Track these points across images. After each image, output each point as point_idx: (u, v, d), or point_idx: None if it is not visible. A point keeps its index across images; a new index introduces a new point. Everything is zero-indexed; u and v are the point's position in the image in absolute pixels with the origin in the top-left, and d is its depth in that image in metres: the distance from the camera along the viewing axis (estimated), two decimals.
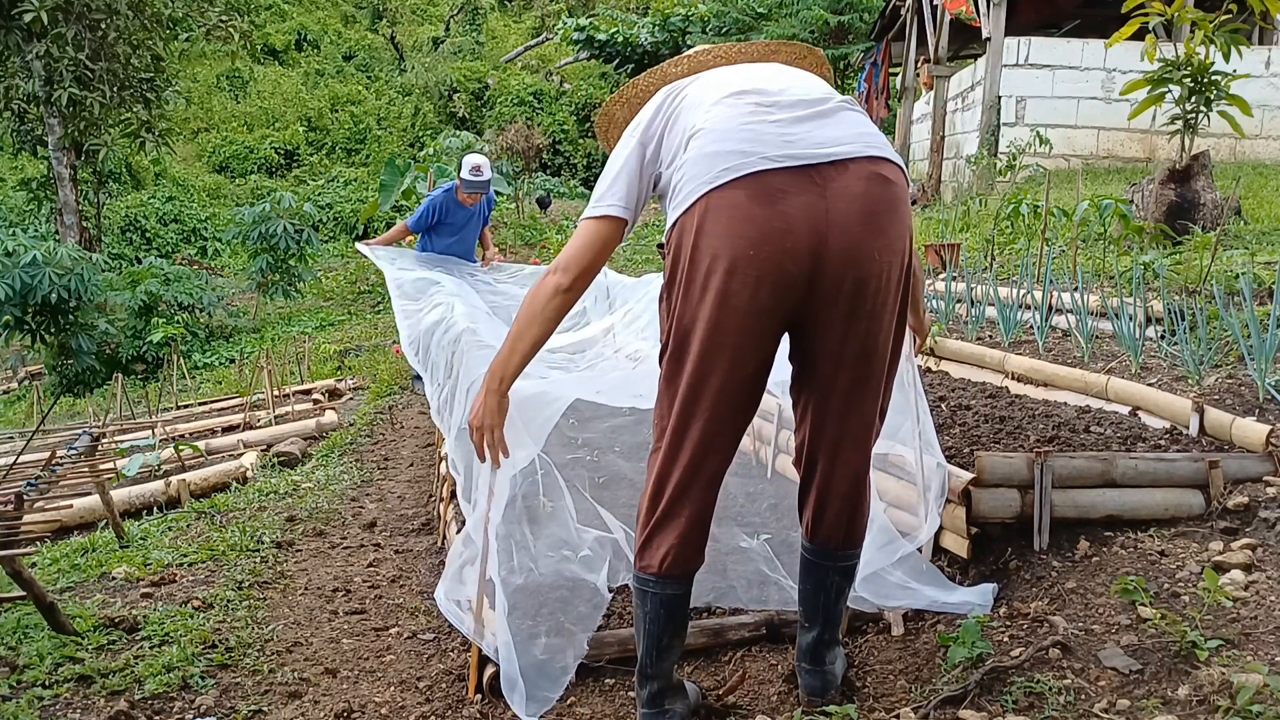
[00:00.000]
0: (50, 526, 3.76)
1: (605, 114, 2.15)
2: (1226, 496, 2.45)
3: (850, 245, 1.70)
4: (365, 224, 17.15)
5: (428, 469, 4.85)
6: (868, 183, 1.72)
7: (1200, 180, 5.26)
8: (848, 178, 1.71)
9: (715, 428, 1.81)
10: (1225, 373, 3.17)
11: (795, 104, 1.79)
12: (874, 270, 1.73)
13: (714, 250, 1.70)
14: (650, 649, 1.93)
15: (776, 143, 1.72)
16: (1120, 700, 1.80)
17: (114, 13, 12.80)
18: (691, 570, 1.91)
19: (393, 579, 3.30)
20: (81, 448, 5.59)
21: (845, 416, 1.86)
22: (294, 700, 2.37)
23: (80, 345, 10.80)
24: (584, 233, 1.89)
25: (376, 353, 9.48)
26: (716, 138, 1.75)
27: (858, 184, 1.71)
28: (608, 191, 1.88)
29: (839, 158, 1.72)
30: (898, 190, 1.77)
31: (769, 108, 1.78)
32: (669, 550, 1.86)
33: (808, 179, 1.69)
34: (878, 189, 1.73)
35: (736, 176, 1.69)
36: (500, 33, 28.30)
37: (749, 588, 2.61)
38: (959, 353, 4.18)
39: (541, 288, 1.89)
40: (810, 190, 1.69)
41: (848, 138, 1.75)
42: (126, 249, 17.48)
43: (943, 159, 12.66)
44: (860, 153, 1.74)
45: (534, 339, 1.90)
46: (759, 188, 1.69)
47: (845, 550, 1.99)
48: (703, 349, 1.76)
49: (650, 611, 1.91)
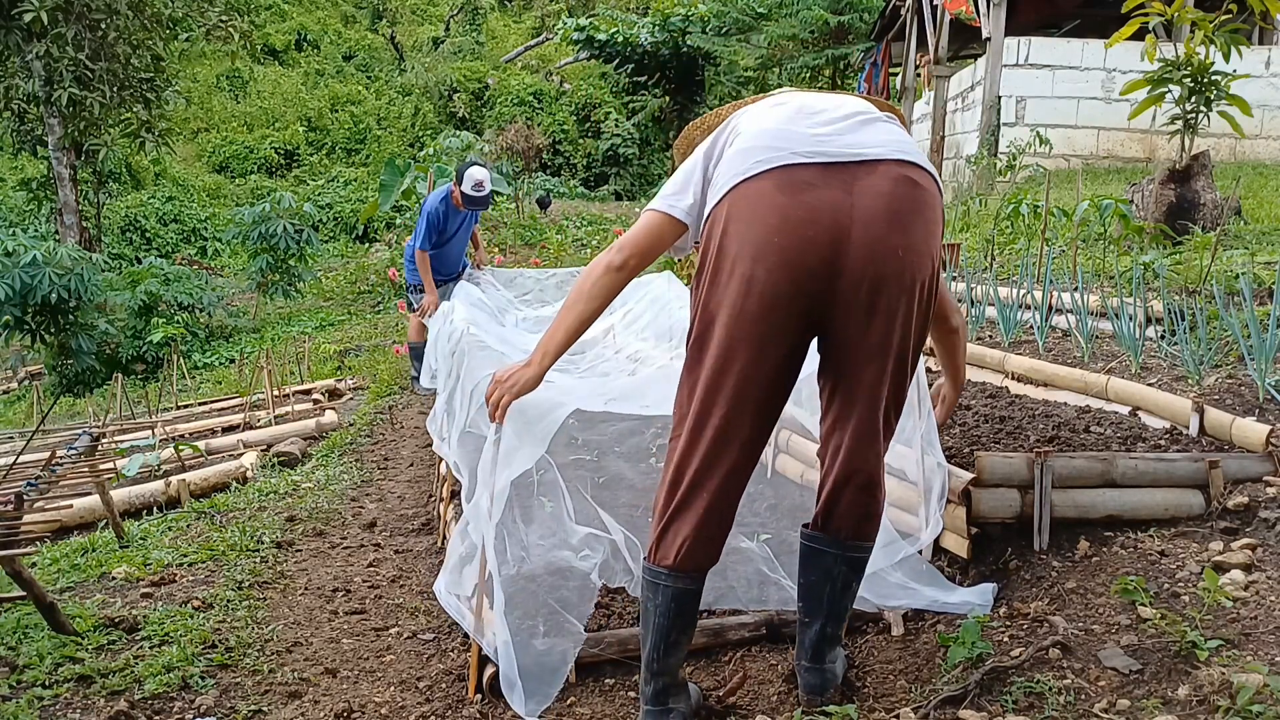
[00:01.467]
0: (50, 526, 3.76)
1: (686, 137, 2.20)
2: (1226, 496, 2.45)
3: (872, 241, 1.74)
4: (365, 224, 17.15)
5: (428, 469, 4.85)
6: (895, 183, 1.75)
7: (1200, 180, 5.26)
8: (875, 177, 1.75)
9: (735, 419, 1.82)
10: (1225, 373, 3.17)
11: (836, 114, 1.84)
12: (895, 268, 1.76)
13: (740, 237, 1.76)
14: (658, 644, 1.92)
15: (808, 141, 1.77)
16: (1120, 700, 1.80)
17: (114, 13, 12.79)
18: (705, 566, 1.92)
19: (393, 579, 3.30)
20: (81, 448, 5.58)
21: (864, 410, 1.88)
22: (294, 700, 2.37)
23: (80, 345, 10.79)
24: (645, 222, 1.95)
25: (376, 353, 9.48)
26: (751, 137, 1.83)
27: (885, 183, 1.75)
28: (676, 194, 1.94)
29: (868, 158, 1.76)
30: (926, 195, 1.79)
31: (809, 115, 1.84)
32: (684, 542, 1.87)
33: (836, 175, 1.74)
34: (905, 190, 1.76)
35: (766, 169, 1.75)
36: (500, 33, 28.30)
37: (749, 588, 2.61)
38: None
39: (595, 265, 1.96)
40: (837, 185, 1.74)
41: (880, 141, 1.80)
42: (126, 249, 17.48)
43: (943, 159, 12.66)
44: (890, 155, 1.78)
45: (580, 315, 1.96)
46: (786, 179, 1.74)
47: (854, 541, 1.99)
48: (726, 335, 1.79)
49: (661, 605, 1.90)
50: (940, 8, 12.44)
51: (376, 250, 15.59)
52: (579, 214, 16.42)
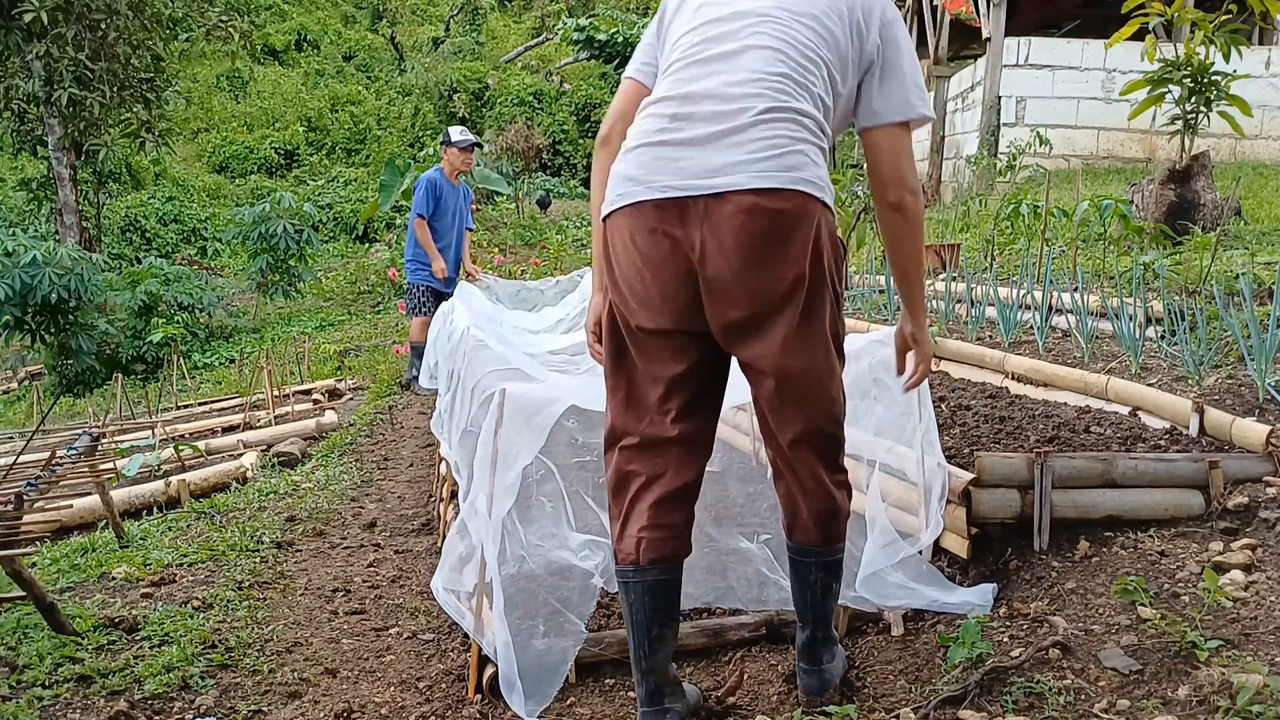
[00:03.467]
0: (50, 526, 3.76)
1: None
2: (1226, 497, 2.45)
3: (723, 275, 1.76)
4: (365, 224, 17.14)
5: (428, 469, 4.85)
6: (747, 215, 1.74)
7: (1200, 180, 5.26)
8: (727, 208, 1.74)
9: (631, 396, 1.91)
10: (1225, 373, 3.17)
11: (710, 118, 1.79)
12: (747, 300, 1.78)
13: (618, 266, 1.85)
14: (641, 641, 1.93)
15: (668, 170, 1.78)
16: (1120, 700, 1.80)
17: (114, 13, 12.78)
18: (671, 556, 1.92)
19: (393, 579, 3.30)
20: (81, 448, 5.58)
21: (786, 422, 1.88)
22: (294, 700, 2.37)
23: (80, 345, 10.78)
24: (620, 90, 2.08)
25: (376, 353, 9.48)
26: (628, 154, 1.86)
27: (736, 217, 1.74)
28: (640, 61, 2.06)
29: (721, 189, 1.74)
30: (785, 219, 1.75)
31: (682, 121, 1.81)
32: (638, 536, 1.89)
33: (687, 211, 1.76)
34: (757, 222, 1.74)
35: (625, 204, 1.82)
36: (500, 33, 28.29)
37: (749, 588, 2.61)
38: (959, 353, 4.18)
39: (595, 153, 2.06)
40: (688, 223, 1.76)
41: (741, 165, 1.75)
42: (126, 249, 17.46)
43: (943, 159, 12.67)
44: (745, 185, 1.74)
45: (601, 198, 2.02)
46: (641, 220, 1.80)
47: (824, 547, 1.99)
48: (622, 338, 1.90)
49: (634, 601, 1.92)
50: (940, 8, 12.44)
51: (376, 250, 15.60)
52: (579, 214, 16.42)
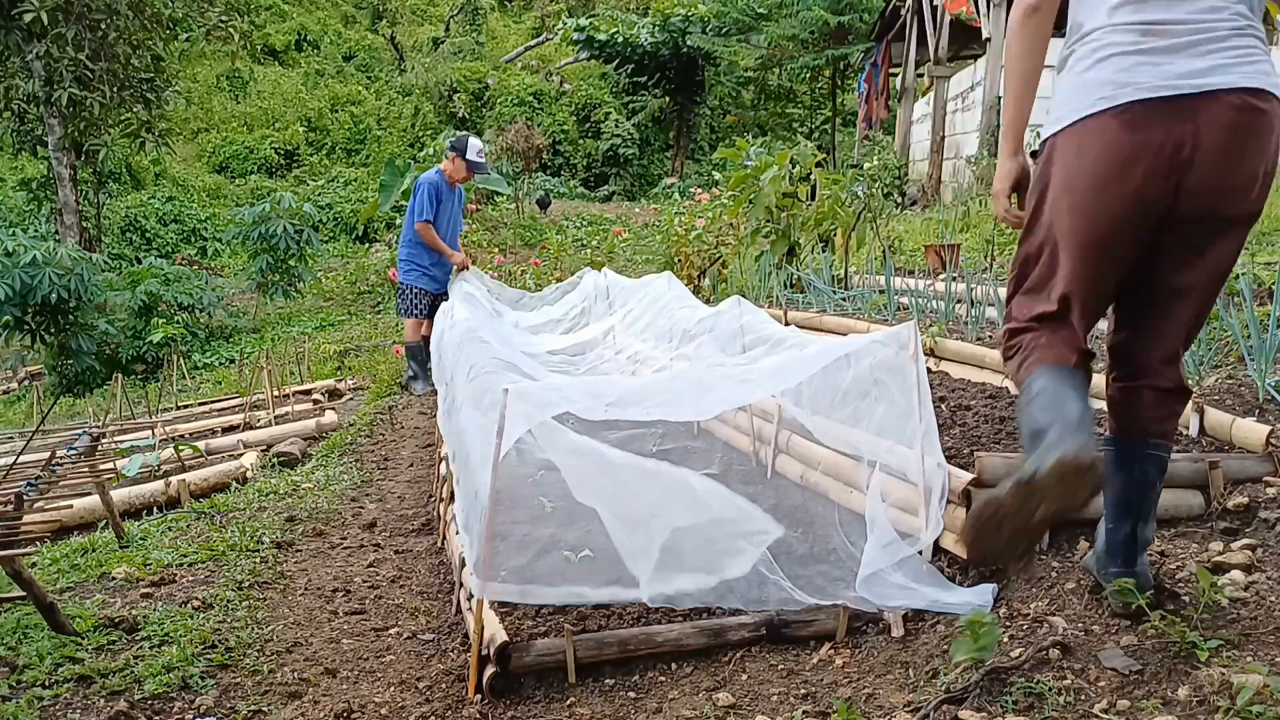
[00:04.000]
0: (50, 526, 3.75)
1: None
2: (1226, 497, 2.45)
3: (1211, 171, 1.79)
4: (365, 224, 17.13)
5: (428, 469, 4.85)
6: (1238, 113, 1.78)
7: None
8: (1219, 106, 1.77)
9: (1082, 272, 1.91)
10: (1225, 373, 3.17)
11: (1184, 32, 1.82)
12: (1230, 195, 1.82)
13: (1084, 170, 1.84)
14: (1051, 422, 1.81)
15: (1150, 74, 1.80)
16: (1120, 700, 1.80)
17: (114, 13, 12.77)
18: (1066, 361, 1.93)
19: (393, 579, 3.30)
20: (81, 448, 5.58)
21: (1180, 327, 1.96)
22: (294, 700, 2.37)
23: (80, 345, 10.77)
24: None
25: (376, 353, 9.48)
26: (1101, 63, 1.85)
27: (1228, 114, 1.77)
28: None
29: (1211, 88, 1.78)
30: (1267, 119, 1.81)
31: (1155, 35, 1.82)
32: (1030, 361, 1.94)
33: (1177, 109, 1.78)
34: (1246, 119, 1.79)
35: (1108, 107, 1.81)
36: (500, 33, 28.29)
37: (749, 588, 2.60)
38: (959, 353, 4.18)
39: (1013, 20, 1.99)
40: (1178, 120, 1.78)
41: (1227, 67, 1.80)
42: (126, 249, 17.45)
43: (943, 159, 12.66)
44: (1237, 84, 1.79)
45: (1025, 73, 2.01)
46: (1129, 117, 1.79)
47: (1158, 440, 2.02)
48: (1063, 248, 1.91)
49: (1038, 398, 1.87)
50: (940, 8, 12.45)
51: (376, 250, 15.58)
52: (579, 214, 16.42)
